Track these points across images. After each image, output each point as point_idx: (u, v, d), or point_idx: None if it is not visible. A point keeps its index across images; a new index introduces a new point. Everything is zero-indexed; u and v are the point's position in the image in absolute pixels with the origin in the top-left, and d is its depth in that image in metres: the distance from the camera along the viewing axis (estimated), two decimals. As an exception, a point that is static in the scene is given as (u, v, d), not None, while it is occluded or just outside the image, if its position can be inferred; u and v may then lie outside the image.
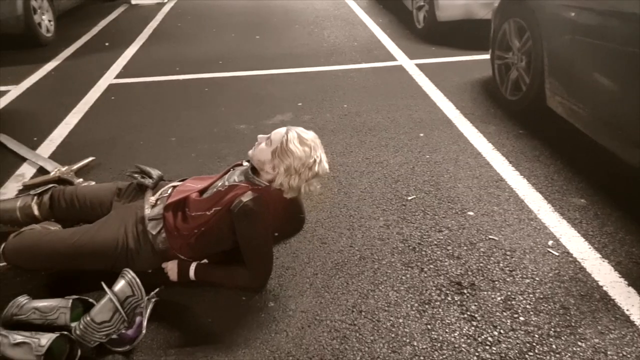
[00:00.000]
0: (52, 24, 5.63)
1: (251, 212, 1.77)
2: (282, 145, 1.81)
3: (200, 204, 1.89)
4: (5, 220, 2.16)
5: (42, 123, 3.44)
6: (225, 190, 1.87)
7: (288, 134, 1.83)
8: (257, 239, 1.83)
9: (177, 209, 1.92)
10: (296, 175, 1.81)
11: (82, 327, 1.57)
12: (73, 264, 1.91)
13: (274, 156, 1.82)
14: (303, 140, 1.82)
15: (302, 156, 1.79)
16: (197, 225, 1.85)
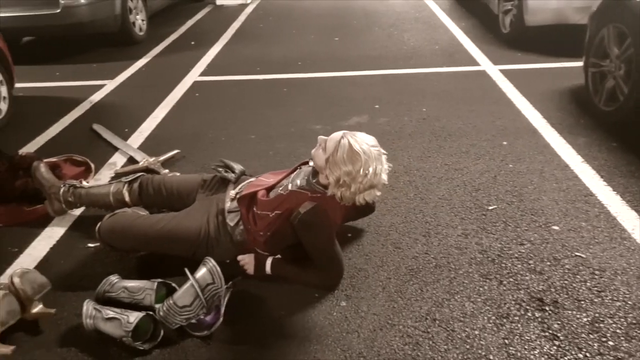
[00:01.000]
0: (144, 23, 5.99)
1: (310, 223, 1.79)
2: (332, 156, 1.75)
3: (264, 204, 1.92)
4: (100, 204, 2.32)
5: (133, 115, 3.67)
6: (286, 194, 1.88)
7: (340, 142, 1.75)
8: (321, 246, 1.85)
9: (249, 203, 1.97)
10: (346, 188, 1.75)
11: (165, 309, 1.65)
12: (158, 248, 2.02)
13: (327, 165, 1.77)
14: (354, 152, 1.72)
15: (351, 170, 1.72)
16: (264, 226, 1.89)
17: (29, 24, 4.95)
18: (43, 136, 3.39)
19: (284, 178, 2.01)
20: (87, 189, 2.34)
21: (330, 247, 1.86)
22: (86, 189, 2.35)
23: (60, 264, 2.09)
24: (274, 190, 1.97)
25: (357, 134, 1.79)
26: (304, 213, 1.78)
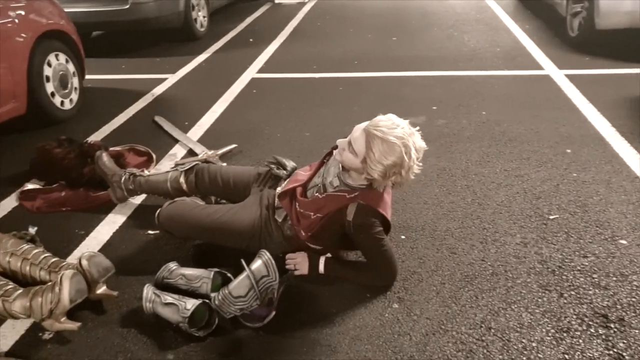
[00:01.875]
0: (205, 20, 6.15)
1: (362, 225, 1.79)
2: (368, 156, 1.68)
3: (304, 205, 1.91)
4: (159, 191, 2.40)
5: (193, 109, 3.78)
6: (323, 198, 1.86)
7: (370, 141, 1.67)
8: (375, 247, 1.84)
9: (290, 199, 1.97)
10: (396, 175, 1.71)
11: (221, 298, 1.69)
12: (212, 237, 2.06)
13: (365, 165, 1.71)
14: (389, 143, 1.65)
15: (395, 160, 1.66)
16: (306, 225, 1.89)
17: (100, 19, 5.19)
18: (109, 125, 3.55)
19: (314, 174, 2.00)
20: (146, 177, 2.43)
21: (383, 247, 1.84)
22: (145, 177, 2.43)
23: (122, 249, 2.18)
24: (309, 191, 1.96)
25: (376, 122, 1.71)
26: (353, 218, 1.79)
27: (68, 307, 1.66)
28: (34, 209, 2.53)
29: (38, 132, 3.39)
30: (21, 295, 1.70)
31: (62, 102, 3.65)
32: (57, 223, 2.40)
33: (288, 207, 1.96)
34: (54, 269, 1.85)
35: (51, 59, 3.53)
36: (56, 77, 3.56)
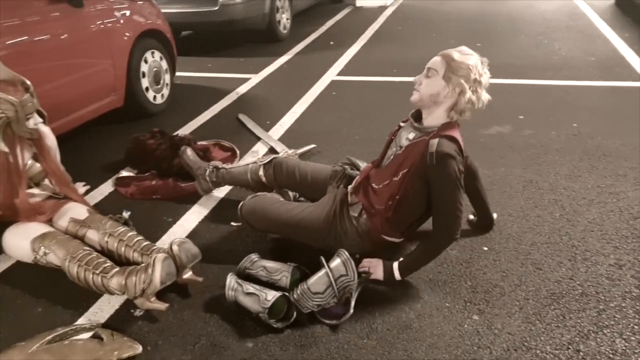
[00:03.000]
0: (288, 22, 6.30)
1: (445, 156, 1.75)
2: (448, 67, 1.78)
3: (383, 174, 1.92)
4: (240, 182, 2.49)
5: (274, 109, 3.88)
6: (403, 152, 1.87)
7: (449, 54, 1.80)
8: (451, 184, 1.77)
9: (364, 188, 1.98)
10: (477, 85, 1.78)
11: (299, 292, 1.73)
12: (290, 233, 2.11)
13: (448, 78, 1.78)
14: (463, 51, 1.82)
15: (474, 63, 1.77)
16: (389, 195, 1.88)
17: (191, 20, 5.47)
18: (196, 121, 3.73)
19: (386, 150, 2.01)
20: (228, 169, 2.52)
21: (459, 188, 1.78)
22: (227, 169, 2.53)
23: (207, 238, 2.28)
24: (385, 160, 1.98)
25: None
26: (437, 147, 1.75)
27: (158, 287, 1.77)
28: (127, 194, 2.71)
29: (132, 124, 3.62)
30: (118, 274, 1.83)
31: (155, 96, 3.87)
32: (148, 209, 2.55)
33: (362, 198, 1.97)
34: (146, 252, 1.97)
35: (148, 56, 3.76)
36: (151, 73, 3.79)
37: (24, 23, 2.70)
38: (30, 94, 2.03)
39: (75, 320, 1.82)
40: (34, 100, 2.04)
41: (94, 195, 2.70)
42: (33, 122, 2.05)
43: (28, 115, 2.02)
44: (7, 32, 2.56)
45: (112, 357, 1.60)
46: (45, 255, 1.96)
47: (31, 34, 2.73)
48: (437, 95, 1.82)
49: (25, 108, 2.00)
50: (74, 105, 3.08)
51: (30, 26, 2.74)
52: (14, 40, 2.61)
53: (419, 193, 1.85)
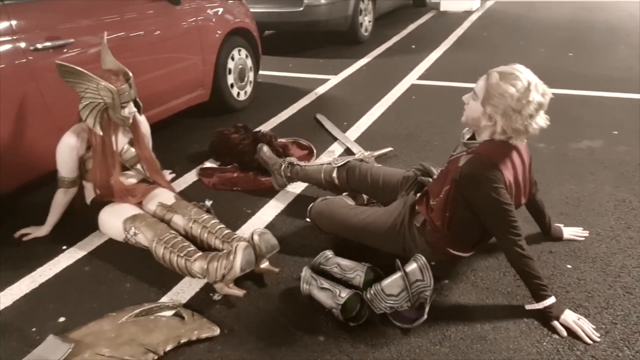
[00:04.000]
0: (370, 25, 6.31)
1: (469, 175, 1.69)
2: (488, 91, 1.67)
3: (433, 191, 1.88)
4: (313, 181, 2.54)
5: (352, 110, 3.91)
6: (446, 167, 1.83)
7: (488, 78, 1.69)
8: (489, 202, 1.69)
9: (426, 202, 1.94)
10: (516, 114, 1.64)
11: (373, 292, 1.73)
12: (356, 236, 2.12)
13: (485, 106, 1.69)
14: (506, 75, 1.66)
15: (514, 92, 1.63)
16: (440, 212, 1.83)
17: (275, 20, 5.63)
18: (275, 119, 3.84)
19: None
20: (302, 167, 2.58)
21: (500, 201, 1.68)
22: (302, 166, 2.58)
23: (282, 231, 2.35)
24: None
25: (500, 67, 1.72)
26: (462, 166, 1.71)
27: (238, 274, 1.84)
28: (210, 184, 2.84)
29: (216, 119, 3.79)
30: (200, 258, 1.93)
31: (239, 93, 4.03)
32: (228, 200, 2.66)
33: (424, 212, 1.94)
34: (227, 240, 2.06)
35: (235, 54, 3.92)
36: (236, 70, 3.95)
37: (123, 20, 2.90)
38: (129, 85, 2.18)
39: (159, 298, 1.94)
40: (130, 91, 2.18)
41: (179, 182, 2.85)
42: (128, 111, 2.20)
43: (124, 104, 2.17)
44: (109, 27, 2.77)
45: (192, 336, 1.69)
46: (135, 235, 2.11)
47: (131, 29, 2.93)
48: (477, 120, 1.76)
49: (121, 96, 2.15)
50: (165, 97, 3.27)
51: (130, 22, 2.94)
52: (115, 34, 2.82)
53: (465, 210, 1.78)
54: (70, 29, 2.55)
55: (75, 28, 2.59)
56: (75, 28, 2.59)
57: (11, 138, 2.31)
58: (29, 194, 2.71)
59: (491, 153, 1.74)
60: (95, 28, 2.70)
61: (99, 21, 2.73)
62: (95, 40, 2.65)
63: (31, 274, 2.12)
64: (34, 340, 1.74)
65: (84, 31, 2.63)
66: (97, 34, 2.67)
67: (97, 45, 2.64)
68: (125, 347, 1.63)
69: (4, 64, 2.26)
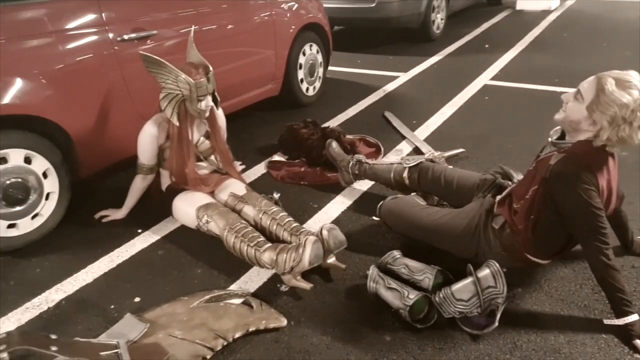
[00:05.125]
0: (442, 22, 6.17)
1: (561, 174, 1.61)
2: (598, 97, 1.57)
3: (518, 192, 1.81)
4: (381, 180, 2.51)
5: (421, 109, 3.84)
6: (534, 167, 1.75)
7: (602, 81, 1.58)
8: (579, 203, 1.60)
9: (509, 204, 1.87)
10: (625, 125, 1.54)
11: (442, 296, 1.69)
12: (427, 237, 2.07)
13: (592, 110, 1.59)
14: (622, 82, 1.56)
15: (629, 102, 1.53)
16: (525, 214, 1.75)
17: (346, 15, 5.62)
18: (342, 115, 3.83)
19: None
20: (371, 165, 2.55)
21: (590, 204, 1.59)
22: (370, 164, 2.56)
23: (349, 228, 2.34)
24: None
25: (613, 71, 1.62)
26: (554, 164, 1.64)
27: (306, 267, 1.86)
28: (278, 177, 2.89)
29: (284, 113, 3.84)
30: (270, 249, 1.96)
31: (307, 88, 4.06)
32: (295, 193, 2.69)
33: (506, 214, 1.86)
34: (295, 232, 2.08)
35: (306, 49, 3.95)
36: (307, 66, 3.97)
37: (202, 13, 2.99)
38: (207, 78, 2.24)
39: (228, 285, 2.00)
40: (208, 85, 2.24)
41: (248, 174, 2.91)
42: (205, 104, 2.26)
43: (200, 97, 2.23)
44: (190, 19, 2.87)
45: (260, 325, 1.72)
46: (207, 223, 2.17)
47: (208, 23, 3.01)
48: (577, 123, 1.67)
49: (199, 90, 2.21)
50: (238, 90, 3.35)
51: (208, 15, 3.02)
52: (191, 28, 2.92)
53: (552, 212, 1.70)
54: (153, 21, 2.67)
55: (158, 20, 2.71)
56: (158, 20, 2.70)
57: (96, 124, 2.45)
58: (108, 177, 2.87)
59: (587, 155, 1.66)
60: (177, 20, 2.81)
61: (180, 14, 2.84)
62: (177, 32, 2.76)
63: (109, 254, 2.24)
64: (113, 317, 1.84)
65: (166, 23, 2.74)
66: (179, 27, 2.78)
67: (178, 37, 2.76)
68: (196, 331, 1.69)
69: (94, 53, 2.40)
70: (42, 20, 2.24)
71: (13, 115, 2.13)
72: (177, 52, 2.65)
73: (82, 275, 2.11)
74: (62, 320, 1.85)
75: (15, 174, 2.17)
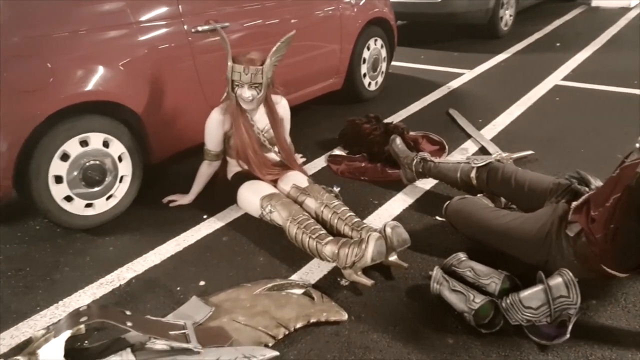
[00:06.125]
0: (511, 19, 5.95)
1: None
2: None
3: (597, 200, 1.71)
4: (447, 179, 2.45)
5: (487, 108, 3.72)
6: (618, 173, 1.64)
7: None
8: None
9: (586, 211, 1.77)
10: None
11: (509, 302, 1.64)
12: (496, 242, 2.00)
13: None
14: None
15: None
16: (604, 223, 1.65)
17: (411, 10, 5.53)
18: (404, 111, 3.78)
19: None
20: (436, 163, 2.50)
21: None
22: (435, 163, 2.51)
23: (410, 227, 2.30)
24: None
25: None
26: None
27: (368, 263, 1.85)
28: (338, 172, 2.89)
29: (345, 107, 3.84)
30: (332, 242, 1.97)
31: (370, 83, 4.03)
32: (355, 188, 2.69)
33: (583, 222, 1.76)
34: (356, 228, 2.07)
35: (370, 43, 3.91)
36: (370, 60, 3.94)
37: (273, 6, 3.03)
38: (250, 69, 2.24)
39: (290, 275, 2.02)
40: (244, 74, 2.24)
41: (308, 167, 2.93)
42: (239, 92, 2.29)
43: (235, 82, 2.27)
44: (261, 12, 2.93)
45: (321, 317, 1.74)
46: (270, 213, 2.21)
47: (278, 15, 3.06)
48: None
49: (233, 74, 2.25)
50: (303, 83, 3.37)
51: (278, 8, 3.07)
52: (264, 20, 2.97)
53: (636, 223, 1.60)
54: (225, 14, 2.73)
55: (230, 13, 2.77)
56: (229, 13, 2.76)
57: (168, 111, 2.55)
58: (177, 163, 2.97)
59: None
60: (250, 13, 2.87)
61: (252, 7, 2.90)
62: (247, 25, 2.83)
63: (176, 237, 2.32)
64: (179, 299, 1.91)
65: (238, 16, 2.80)
66: (249, 20, 2.85)
67: (247, 30, 2.83)
68: (259, 318, 1.72)
69: (170, 44, 2.49)
70: (123, 12, 2.34)
71: (95, 101, 2.24)
72: (246, 44, 2.71)
73: (151, 256, 2.20)
74: (132, 297, 1.94)
75: (94, 156, 2.29)
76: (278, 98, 2.52)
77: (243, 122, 2.37)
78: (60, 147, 2.17)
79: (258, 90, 2.30)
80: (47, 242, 2.32)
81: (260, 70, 2.26)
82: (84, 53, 2.21)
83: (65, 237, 2.35)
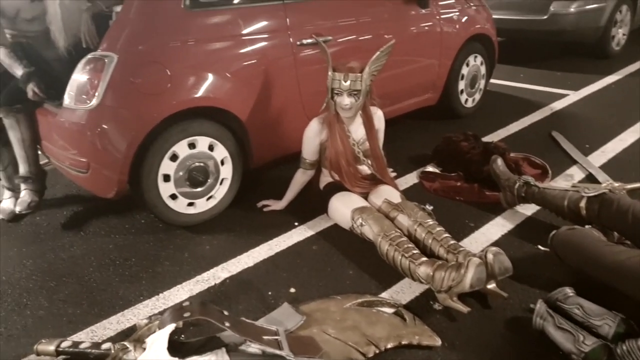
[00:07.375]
0: (624, 38, 5.53)
1: None
2: None
3: None
4: (552, 207, 2.30)
5: (595, 132, 3.47)
6: None
7: None
8: None
9: None
10: None
11: (626, 349, 1.50)
12: (610, 279, 1.82)
13: None
14: None
15: None
16: None
17: (514, 27, 5.32)
18: (504, 130, 3.62)
19: None
20: (541, 189, 2.36)
21: None
22: (540, 188, 2.37)
23: (510, 254, 2.13)
24: None
25: None
26: None
27: (466, 290, 1.77)
28: (431, 189, 2.81)
29: (439, 123, 3.75)
30: (426, 264, 1.91)
31: (467, 100, 3.90)
32: (449, 208, 2.60)
33: None
34: (453, 250, 2.00)
35: (470, 60, 3.79)
36: (469, 77, 3.82)
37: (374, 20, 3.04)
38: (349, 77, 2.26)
39: (380, 292, 1.99)
40: (343, 82, 2.26)
41: (399, 182, 2.88)
42: (338, 100, 2.31)
43: (335, 90, 2.29)
44: (363, 26, 2.95)
45: (413, 340, 1.68)
46: (361, 226, 2.19)
47: (380, 29, 3.07)
48: None
49: (333, 82, 2.28)
50: (398, 97, 3.34)
51: (380, 23, 3.08)
52: (368, 34, 2.99)
53: None
54: (329, 28, 2.78)
55: (333, 27, 2.81)
56: (333, 27, 2.81)
57: (269, 120, 2.63)
58: (274, 169, 3.05)
59: None
60: (351, 27, 2.90)
61: (354, 21, 2.93)
62: (349, 39, 2.86)
63: (269, 242, 2.38)
64: (269, 304, 1.94)
65: (340, 30, 2.84)
66: (352, 34, 2.88)
67: (349, 44, 2.86)
68: (349, 333, 1.71)
69: (277, 55, 2.58)
70: (233, 23, 2.46)
71: (204, 107, 2.36)
72: (348, 56, 2.72)
73: (245, 258, 2.26)
74: (226, 297, 2.01)
75: (199, 158, 2.41)
76: (374, 109, 2.51)
77: (339, 132, 2.39)
78: (171, 148, 2.32)
79: (356, 97, 2.31)
80: (151, 236, 2.47)
81: (359, 78, 2.27)
82: (197, 61, 2.34)
83: (166, 232, 2.49)
